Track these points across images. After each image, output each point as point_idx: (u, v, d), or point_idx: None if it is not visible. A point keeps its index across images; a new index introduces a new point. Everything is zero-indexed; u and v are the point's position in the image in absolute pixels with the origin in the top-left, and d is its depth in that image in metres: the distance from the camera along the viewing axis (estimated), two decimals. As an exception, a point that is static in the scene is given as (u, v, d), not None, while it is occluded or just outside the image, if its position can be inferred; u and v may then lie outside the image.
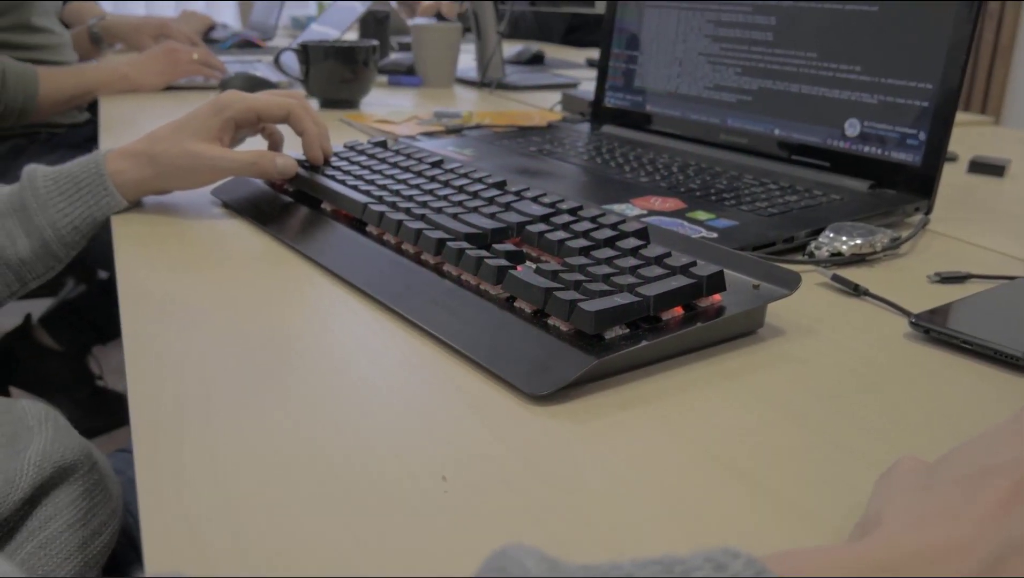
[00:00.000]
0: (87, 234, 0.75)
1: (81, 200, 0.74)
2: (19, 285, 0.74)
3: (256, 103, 0.78)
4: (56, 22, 1.77)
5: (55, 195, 0.73)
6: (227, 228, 0.76)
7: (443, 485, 0.39)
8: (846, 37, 0.87)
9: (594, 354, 0.47)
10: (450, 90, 1.65)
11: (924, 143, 0.83)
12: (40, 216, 0.72)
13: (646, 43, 1.08)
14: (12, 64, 1.48)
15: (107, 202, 0.75)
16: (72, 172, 0.75)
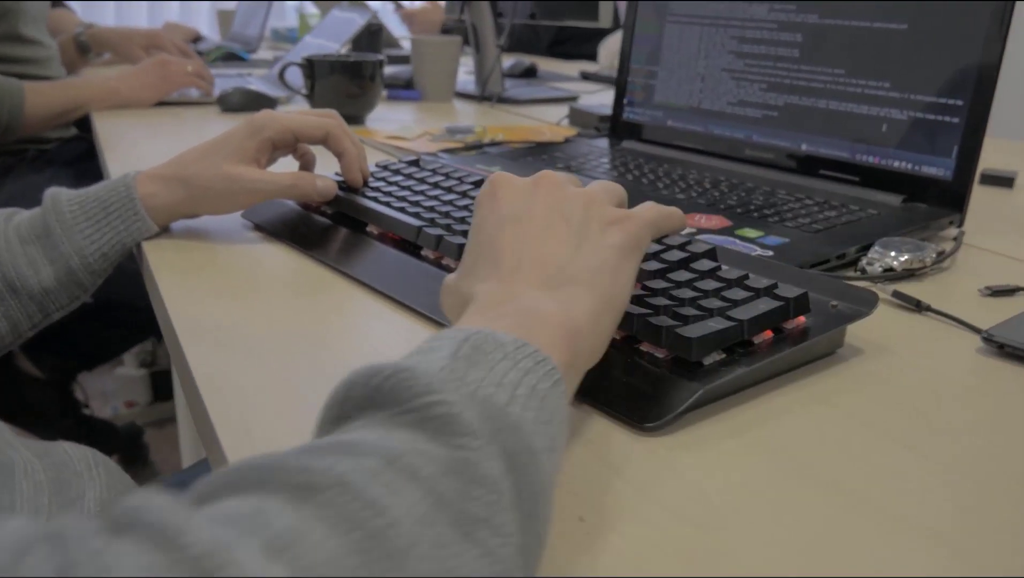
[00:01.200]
0: (114, 261, 0.72)
1: (110, 225, 0.71)
2: (41, 317, 0.71)
3: (293, 124, 0.76)
4: (45, 33, 1.73)
5: (82, 220, 0.70)
6: (266, 252, 0.74)
7: (582, 527, 0.38)
8: (875, 54, 0.88)
9: (698, 381, 0.47)
10: (450, 104, 1.64)
11: (955, 158, 0.84)
12: (66, 243, 0.69)
13: (666, 58, 1.08)
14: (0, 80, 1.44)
15: (138, 227, 0.72)
16: (100, 195, 0.72)
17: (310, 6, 3.21)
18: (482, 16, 1.65)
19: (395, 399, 0.31)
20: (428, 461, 0.29)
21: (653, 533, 0.38)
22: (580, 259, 0.44)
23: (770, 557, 0.36)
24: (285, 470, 0.26)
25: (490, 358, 0.35)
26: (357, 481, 0.26)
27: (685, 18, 1.05)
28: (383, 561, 0.24)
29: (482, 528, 0.28)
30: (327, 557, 0.23)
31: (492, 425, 0.32)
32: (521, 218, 0.46)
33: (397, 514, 0.26)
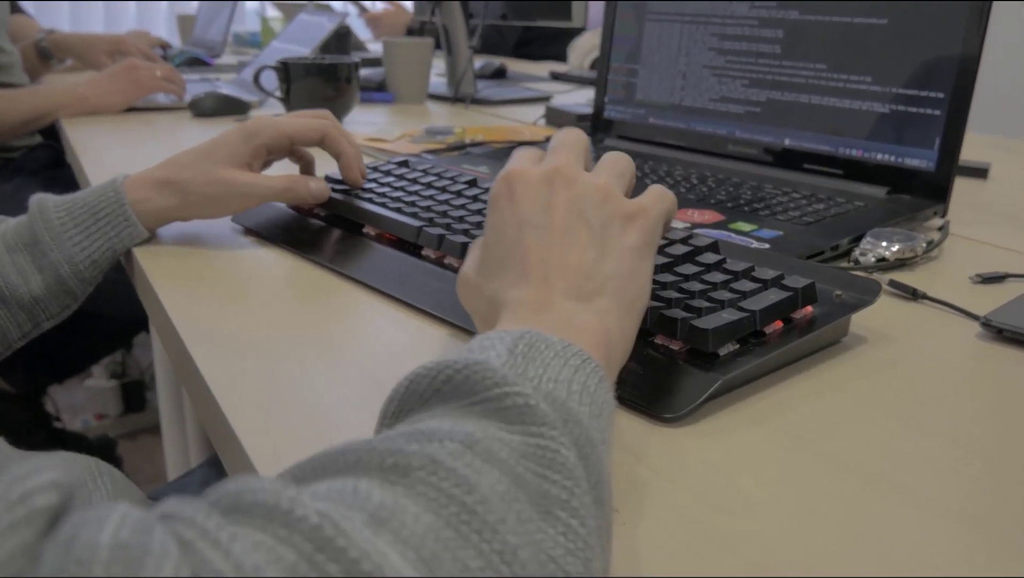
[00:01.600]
0: (104, 268, 0.71)
1: (100, 232, 0.70)
2: (31, 326, 0.70)
3: (289, 128, 0.75)
4: (6, 39, 1.70)
5: (71, 227, 0.69)
6: (263, 256, 0.73)
7: (618, 517, 0.38)
8: (856, 49, 0.89)
9: (716, 372, 0.47)
10: (423, 106, 1.64)
11: (938, 149, 0.85)
12: (55, 251, 0.68)
13: (647, 56, 1.09)
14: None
15: (128, 233, 0.71)
16: (88, 201, 0.71)
17: (272, 10, 3.19)
18: (453, 17, 1.65)
19: (468, 390, 0.32)
20: (504, 446, 0.30)
21: (688, 521, 0.38)
22: (605, 265, 0.45)
23: (804, 541, 0.37)
24: (376, 453, 0.27)
25: (544, 355, 0.36)
26: (445, 460, 0.27)
27: (664, 16, 1.06)
28: (476, 534, 0.25)
29: (561, 509, 0.29)
30: (425, 529, 0.24)
31: (561, 416, 0.33)
32: (541, 223, 0.46)
33: (485, 492, 0.27)
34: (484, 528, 0.26)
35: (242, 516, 0.23)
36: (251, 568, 0.21)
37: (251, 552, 0.21)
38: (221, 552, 0.21)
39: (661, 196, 0.49)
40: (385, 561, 0.23)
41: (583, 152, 0.50)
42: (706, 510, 0.39)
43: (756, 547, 0.36)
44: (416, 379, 0.34)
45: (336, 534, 0.22)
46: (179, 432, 1.43)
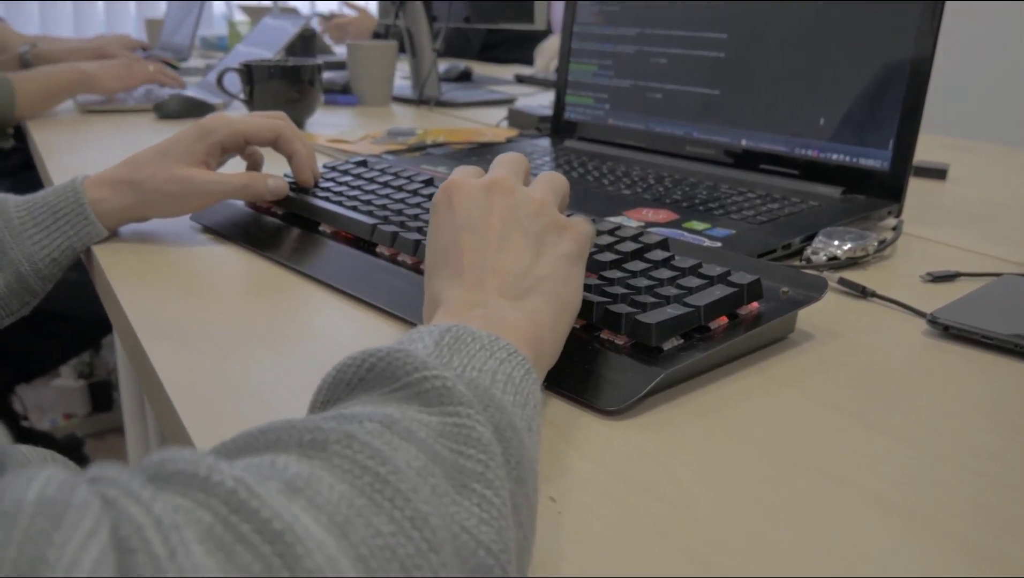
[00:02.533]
0: (64, 266, 0.71)
1: (60, 230, 0.70)
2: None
3: (243, 126, 0.75)
4: None
5: (31, 226, 0.69)
6: (220, 254, 0.73)
7: (555, 506, 0.38)
8: (810, 49, 0.90)
9: (659, 366, 0.48)
10: (388, 108, 1.64)
11: (892, 149, 0.86)
12: (15, 249, 0.68)
13: (605, 58, 1.09)
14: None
15: (87, 231, 0.71)
16: (48, 201, 0.71)
17: (239, 15, 3.17)
18: (417, 20, 1.65)
19: (391, 377, 0.33)
20: (422, 426, 0.31)
21: (626, 511, 0.38)
22: (538, 268, 0.47)
23: (739, 529, 0.37)
24: (295, 430, 0.28)
25: (470, 348, 0.38)
26: (361, 436, 0.28)
27: (621, 17, 1.07)
28: (389, 502, 0.26)
29: (476, 481, 0.30)
30: (339, 497, 0.26)
31: (481, 400, 0.34)
32: (477, 228, 0.48)
33: (399, 464, 0.28)
34: (396, 496, 0.27)
35: (164, 483, 0.24)
36: (169, 525, 0.21)
37: (171, 512, 0.22)
38: (143, 508, 0.21)
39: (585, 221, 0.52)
40: (296, 522, 0.23)
41: (522, 171, 0.53)
42: (643, 499, 0.39)
43: (689, 534, 0.37)
44: (343, 369, 0.35)
45: (249, 497, 0.23)
46: (141, 430, 1.43)
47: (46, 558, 0.19)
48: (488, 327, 0.41)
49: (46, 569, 0.19)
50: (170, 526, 0.21)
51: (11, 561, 0.19)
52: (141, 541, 0.21)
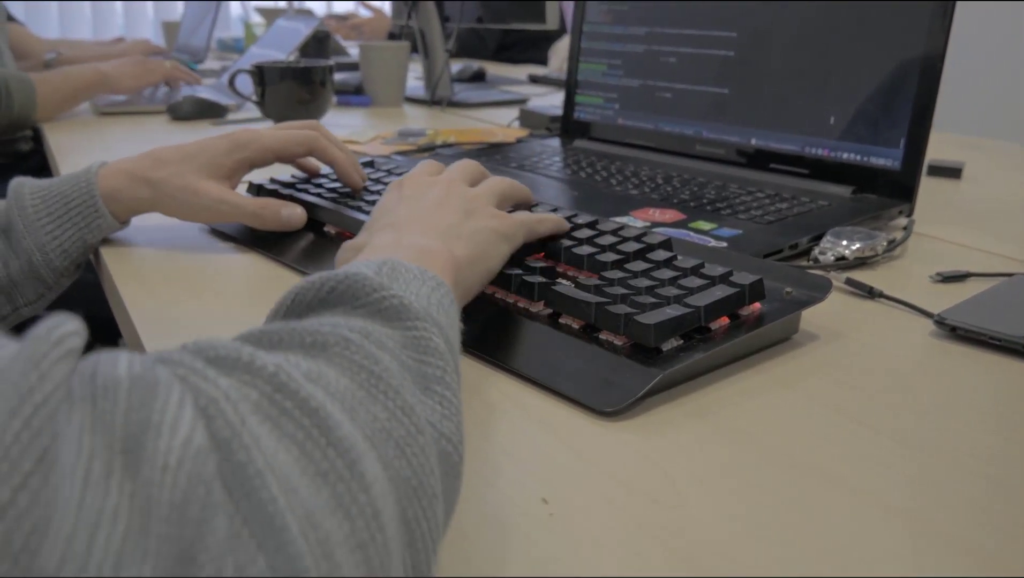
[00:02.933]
0: (77, 260, 0.71)
1: (71, 221, 0.70)
2: (10, 309, 0.70)
3: (274, 143, 0.75)
4: (7, 48, 1.70)
5: (43, 215, 0.69)
6: (227, 256, 0.73)
7: (546, 508, 0.38)
8: (821, 47, 0.89)
9: (657, 367, 0.47)
10: (400, 109, 1.64)
11: (903, 148, 0.85)
12: (27, 238, 0.68)
13: (614, 58, 1.09)
14: (11, 74, 1.43)
15: (99, 224, 0.71)
16: (62, 190, 0.70)
17: (256, 16, 3.19)
18: (429, 21, 1.65)
19: (351, 297, 0.37)
20: (388, 339, 0.35)
21: (616, 511, 0.38)
22: (463, 227, 0.53)
23: (731, 530, 0.37)
24: (296, 333, 0.32)
25: (405, 276, 0.42)
26: (354, 339, 0.32)
27: (631, 17, 1.06)
28: (382, 394, 0.31)
29: (437, 384, 0.35)
30: (344, 389, 0.30)
31: (428, 316, 0.38)
32: (419, 197, 0.55)
33: (386, 364, 0.32)
34: (388, 390, 0.31)
35: (210, 364, 0.27)
36: (236, 397, 0.25)
37: (231, 388, 0.25)
38: (211, 384, 0.25)
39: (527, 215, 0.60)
40: (324, 404, 0.27)
41: (471, 175, 0.61)
42: (637, 501, 0.39)
43: (682, 537, 0.36)
44: (302, 291, 0.38)
45: (289, 380, 0.27)
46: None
47: (150, 421, 0.22)
48: (412, 256, 0.46)
49: (152, 431, 0.22)
50: (236, 399, 0.25)
51: (120, 425, 0.22)
52: (217, 411, 0.24)
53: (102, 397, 0.22)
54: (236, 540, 0.22)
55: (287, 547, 0.23)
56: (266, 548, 0.23)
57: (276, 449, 0.25)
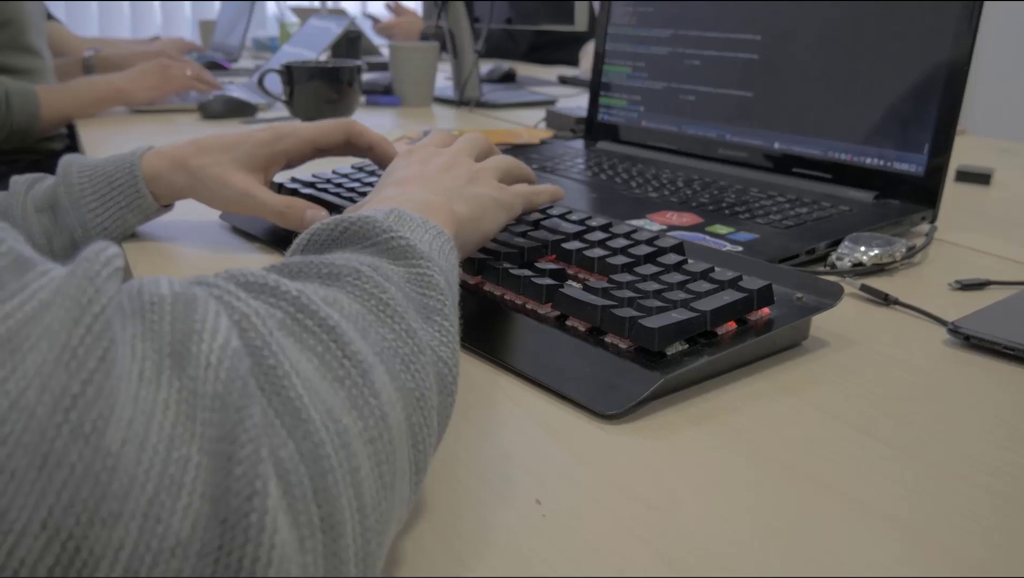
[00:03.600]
0: (117, 239, 0.72)
1: (113, 201, 0.72)
2: None
3: (312, 133, 0.75)
4: (45, 45, 1.73)
5: (88, 193, 0.71)
6: (247, 255, 0.74)
7: (539, 509, 0.38)
8: (844, 51, 0.89)
9: (660, 371, 0.47)
10: (428, 109, 1.65)
11: (927, 153, 0.84)
12: (71, 214, 0.70)
13: (639, 60, 1.08)
14: (13, 85, 1.46)
15: (139, 204, 0.73)
16: (107, 170, 0.72)
17: (291, 16, 3.21)
18: (459, 21, 1.66)
19: (363, 237, 0.41)
20: (394, 273, 0.39)
21: (609, 515, 0.38)
22: (466, 189, 0.57)
23: (723, 537, 0.36)
24: (313, 265, 0.36)
25: (410, 223, 0.45)
26: (364, 271, 0.36)
27: (655, 19, 1.06)
28: (390, 319, 0.35)
29: (437, 314, 0.39)
30: (356, 312, 0.34)
31: (431, 257, 0.42)
32: (425, 161, 0.59)
33: (393, 293, 0.36)
34: (395, 315, 0.35)
35: (241, 287, 0.31)
36: (265, 315, 0.28)
37: (260, 307, 0.29)
38: (243, 303, 0.28)
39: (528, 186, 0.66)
40: (340, 324, 0.31)
41: (478, 149, 0.65)
42: (631, 505, 0.39)
43: (674, 543, 0.36)
44: (317, 232, 0.41)
45: (309, 302, 0.31)
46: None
47: (192, 328, 0.25)
48: (413, 206, 0.49)
49: (195, 336, 0.25)
50: (265, 316, 0.28)
51: (168, 333, 0.25)
52: (249, 324, 0.27)
53: (149, 310, 0.25)
54: (270, 428, 0.26)
55: (312, 436, 0.27)
56: (295, 435, 0.26)
57: (299, 358, 0.29)
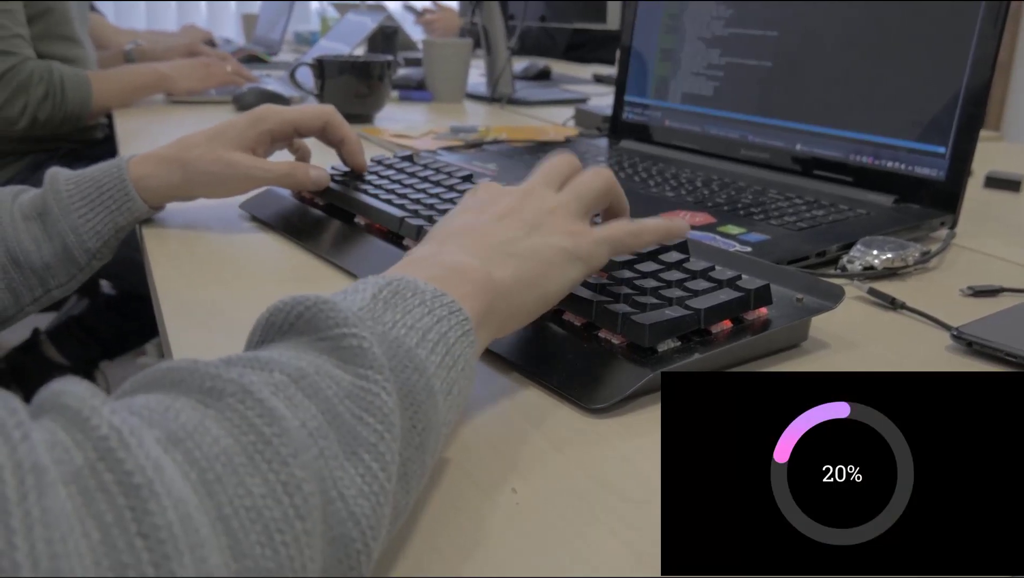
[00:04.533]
0: (110, 242, 0.74)
1: (103, 205, 0.73)
2: (43, 291, 0.73)
3: (292, 115, 0.78)
4: (86, 35, 1.78)
5: (77, 200, 0.72)
6: (260, 242, 0.76)
7: (514, 497, 0.39)
8: (868, 51, 0.88)
9: (649, 367, 0.48)
10: (461, 105, 1.66)
11: (949, 158, 0.84)
12: (62, 221, 0.71)
13: (664, 59, 1.08)
14: (68, 71, 1.52)
15: (129, 208, 0.74)
16: (94, 176, 0.74)
17: (332, 10, 3.25)
18: (493, 18, 1.67)
19: (315, 327, 0.34)
20: (332, 383, 0.32)
21: (582, 504, 0.38)
22: (520, 244, 0.47)
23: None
24: (198, 374, 0.29)
25: (408, 303, 0.38)
26: (259, 391, 0.29)
27: (682, 17, 1.06)
28: (266, 463, 0.27)
29: (367, 451, 0.31)
30: (219, 452, 0.26)
31: (397, 363, 0.35)
32: (484, 206, 0.50)
33: (287, 425, 0.29)
34: (275, 459, 0.27)
35: (56, 414, 0.25)
36: (30, 467, 0.22)
37: (41, 451, 0.23)
38: (9, 448, 0.22)
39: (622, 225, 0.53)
40: (160, 476, 0.24)
41: (559, 178, 0.54)
42: (603, 495, 0.39)
43: (638, 532, 0.37)
44: (274, 312, 0.36)
45: (119, 447, 0.24)
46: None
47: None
48: (438, 274, 0.42)
49: None
50: (30, 468, 0.22)
51: None
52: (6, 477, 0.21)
53: None
54: None
55: None
56: None
57: (74, 531, 0.22)
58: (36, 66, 1.49)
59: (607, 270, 0.58)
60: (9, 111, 1.48)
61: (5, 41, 1.47)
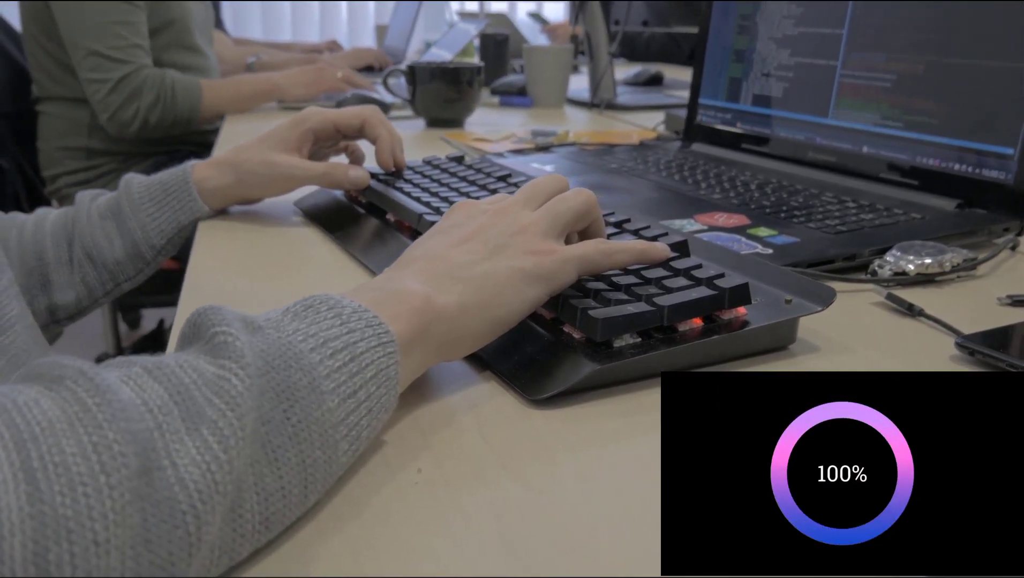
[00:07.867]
0: (173, 238, 0.80)
1: (168, 205, 0.80)
2: (113, 285, 0.80)
3: (333, 114, 0.83)
4: (209, 45, 1.90)
5: (146, 200, 0.79)
6: (299, 238, 0.80)
7: (417, 477, 0.40)
8: (936, 51, 0.84)
9: (597, 361, 0.48)
10: (560, 110, 1.67)
11: (1017, 160, 0.79)
12: (132, 219, 0.78)
13: (736, 61, 1.07)
14: (179, 78, 1.65)
15: (190, 207, 0.80)
16: (162, 180, 0.81)
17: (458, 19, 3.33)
18: (595, 23, 1.67)
19: (201, 332, 0.37)
20: (194, 372, 0.34)
21: (482, 490, 0.39)
22: (477, 267, 0.48)
23: (581, 527, 0.37)
24: (55, 367, 0.32)
25: (319, 316, 0.40)
26: (97, 375, 0.31)
27: (754, 17, 1.04)
28: (83, 427, 0.30)
29: (207, 428, 0.32)
30: (42, 419, 0.29)
31: (275, 361, 0.37)
32: (453, 228, 0.51)
33: (116, 398, 0.31)
34: (92, 423, 0.30)
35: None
36: None
37: None
38: None
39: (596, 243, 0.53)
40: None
41: (539, 197, 0.53)
42: (507, 482, 0.40)
43: (523, 523, 0.37)
44: (185, 323, 0.39)
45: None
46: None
47: None
48: (377, 297, 0.43)
49: None
50: None
51: None
52: None
53: None
54: None
55: None
56: None
57: None
58: (150, 73, 1.62)
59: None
60: (123, 115, 1.61)
61: (122, 51, 1.59)
